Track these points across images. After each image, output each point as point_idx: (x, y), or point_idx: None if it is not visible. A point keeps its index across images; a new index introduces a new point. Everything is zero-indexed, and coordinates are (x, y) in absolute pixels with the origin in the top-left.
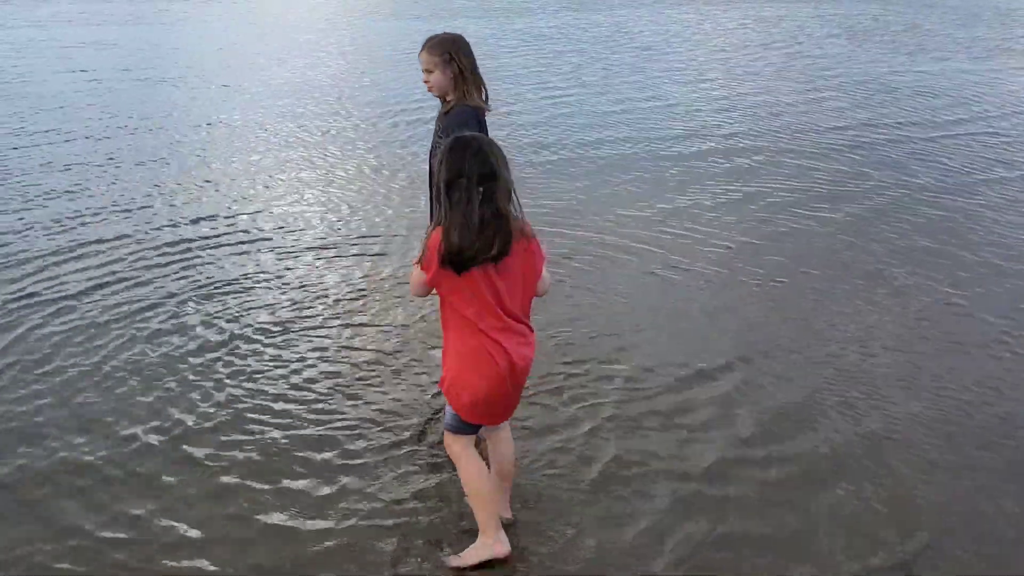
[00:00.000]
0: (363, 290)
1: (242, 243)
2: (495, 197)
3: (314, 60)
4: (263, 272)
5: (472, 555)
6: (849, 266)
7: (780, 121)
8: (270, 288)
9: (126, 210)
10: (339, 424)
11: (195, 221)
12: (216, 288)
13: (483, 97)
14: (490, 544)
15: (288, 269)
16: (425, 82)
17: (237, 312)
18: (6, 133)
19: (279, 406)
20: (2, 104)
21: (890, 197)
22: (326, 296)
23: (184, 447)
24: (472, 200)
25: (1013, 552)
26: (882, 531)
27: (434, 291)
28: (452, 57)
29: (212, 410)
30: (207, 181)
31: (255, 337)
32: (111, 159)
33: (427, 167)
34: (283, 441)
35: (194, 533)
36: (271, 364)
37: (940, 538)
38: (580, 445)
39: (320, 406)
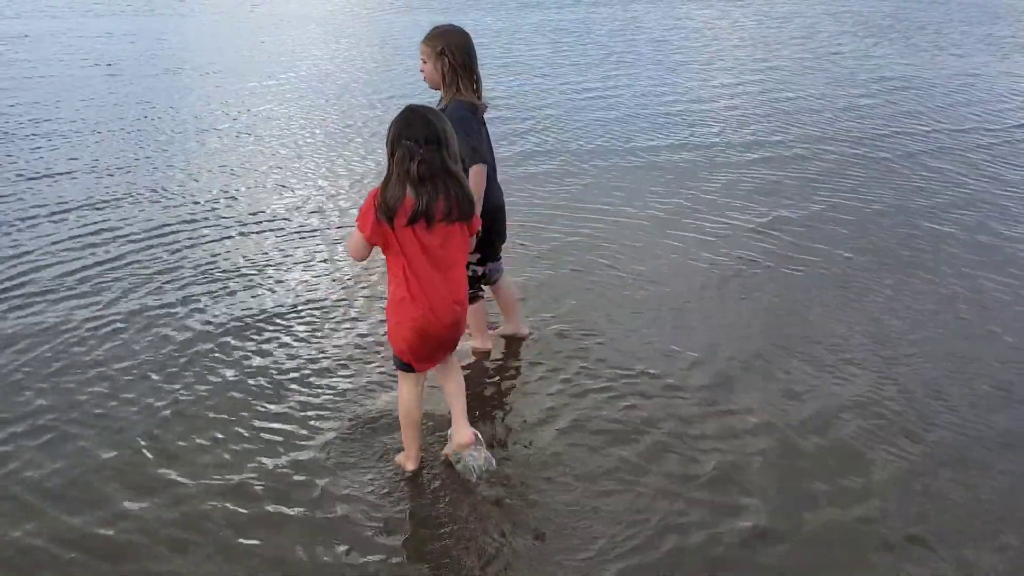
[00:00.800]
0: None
1: (254, 231)
2: (438, 159)
3: (330, 52)
4: (284, 257)
5: (399, 459)
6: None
7: (837, 126)
8: (287, 272)
9: (144, 200)
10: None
11: (214, 208)
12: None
13: (476, 95)
14: (405, 459)
15: (305, 254)
16: (421, 71)
17: (250, 298)
18: (37, 128)
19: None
20: (26, 95)
21: (990, 206)
22: (337, 280)
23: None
24: (414, 158)
25: None
26: None
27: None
28: (444, 51)
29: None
30: (229, 168)
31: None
32: (134, 149)
33: None
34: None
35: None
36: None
37: None
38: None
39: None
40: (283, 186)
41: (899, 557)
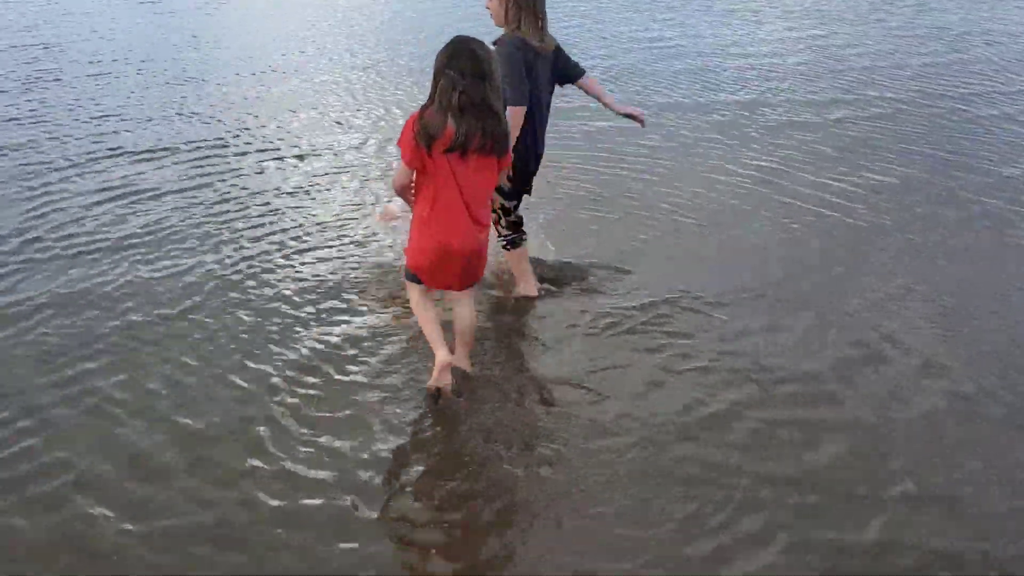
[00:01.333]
0: None
1: (314, 178)
2: (479, 93)
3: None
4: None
5: (430, 383)
6: None
7: (920, 82)
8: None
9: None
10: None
11: (271, 142)
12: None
13: (540, 33)
14: (435, 368)
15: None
16: (487, 7)
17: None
18: (91, 68)
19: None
20: (72, 30)
21: None
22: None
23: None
24: (456, 88)
25: None
26: None
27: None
28: None
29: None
30: (288, 106)
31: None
32: (192, 85)
33: None
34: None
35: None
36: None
37: None
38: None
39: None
40: (341, 123)
41: None
